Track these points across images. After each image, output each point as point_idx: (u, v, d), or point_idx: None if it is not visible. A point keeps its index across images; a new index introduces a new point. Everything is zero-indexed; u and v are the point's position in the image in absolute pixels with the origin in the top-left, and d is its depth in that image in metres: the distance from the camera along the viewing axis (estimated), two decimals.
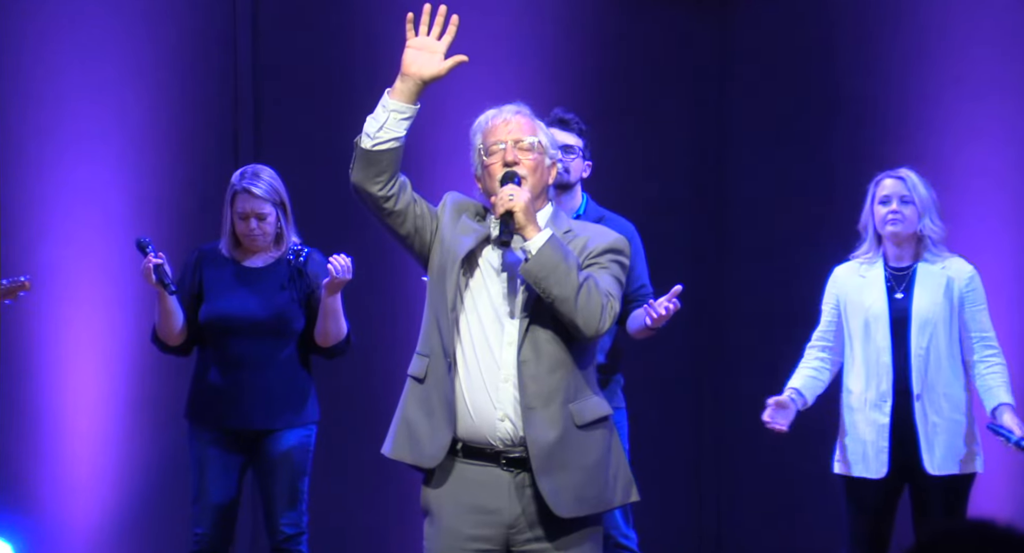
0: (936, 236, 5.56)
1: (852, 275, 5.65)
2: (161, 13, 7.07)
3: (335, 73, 7.17)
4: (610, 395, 5.77)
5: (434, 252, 4.31)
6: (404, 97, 4.21)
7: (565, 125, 5.72)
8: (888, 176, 5.61)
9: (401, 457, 4.34)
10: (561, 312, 4.17)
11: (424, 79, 4.21)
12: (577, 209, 5.75)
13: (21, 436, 6.91)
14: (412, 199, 4.28)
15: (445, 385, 4.24)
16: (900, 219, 5.56)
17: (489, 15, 7.22)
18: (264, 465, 5.78)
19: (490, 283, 4.27)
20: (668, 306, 5.40)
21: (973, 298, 5.53)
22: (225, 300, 5.77)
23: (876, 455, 5.50)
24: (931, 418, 5.47)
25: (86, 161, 6.96)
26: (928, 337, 5.50)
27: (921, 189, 5.57)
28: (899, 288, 5.57)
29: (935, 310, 5.51)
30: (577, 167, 5.75)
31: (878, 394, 5.51)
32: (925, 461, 5.46)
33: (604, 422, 4.33)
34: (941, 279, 5.54)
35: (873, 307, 5.55)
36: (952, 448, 5.48)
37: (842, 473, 5.61)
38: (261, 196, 5.74)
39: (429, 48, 4.22)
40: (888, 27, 7.11)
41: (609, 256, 4.31)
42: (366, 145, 4.20)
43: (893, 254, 5.61)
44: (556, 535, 4.26)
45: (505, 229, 4.16)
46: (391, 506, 6.96)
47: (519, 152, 4.29)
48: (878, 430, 5.50)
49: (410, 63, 4.22)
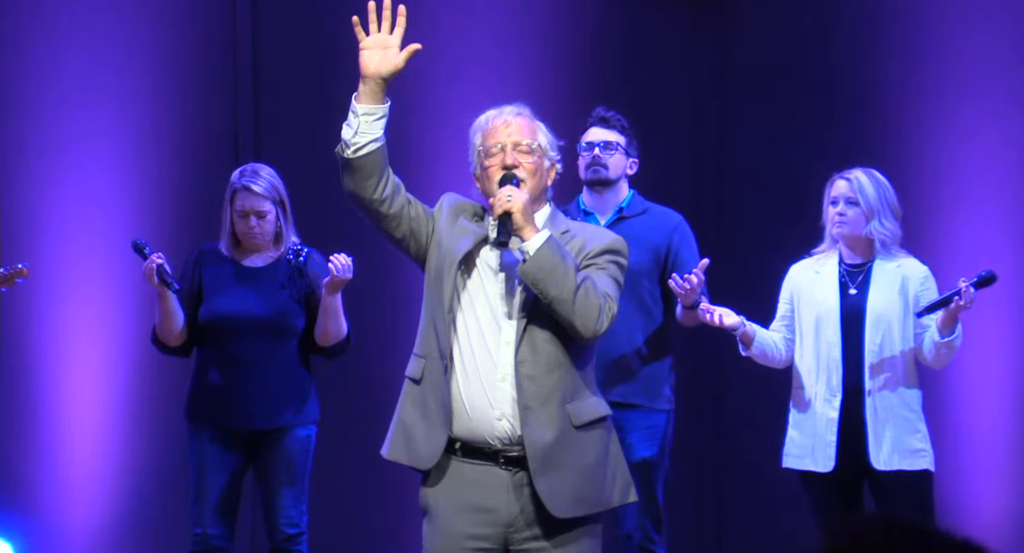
0: (887, 238, 5.57)
1: (807, 271, 5.68)
2: (161, 14, 7.07)
3: (335, 73, 7.16)
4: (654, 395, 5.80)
5: (431, 254, 4.30)
6: (371, 99, 4.19)
7: (606, 122, 5.88)
8: (839, 177, 5.63)
9: (397, 458, 4.35)
10: (559, 313, 4.16)
11: (384, 76, 4.20)
12: (621, 202, 5.83)
13: (21, 436, 6.91)
14: (407, 201, 4.27)
15: (442, 387, 4.23)
16: (844, 221, 5.58)
17: (489, 15, 7.22)
18: (264, 465, 5.78)
19: (488, 283, 4.27)
20: (692, 279, 5.51)
21: (928, 298, 5.53)
22: (225, 299, 5.77)
23: (824, 449, 5.52)
24: (880, 414, 5.48)
25: (86, 161, 6.97)
26: (882, 334, 5.51)
27: (870, 190, 5.55)
28: (853, 284, 5.59)
29: (890, 307, 5.53)
30: (619, 163, 5.87)
31: (828, 389, 5.53)
32: (872, 455, 5.47)
33: (602, 422, 4.33)
34: (896, 277, 5.56)
35: (825, 302, 5.58)
36: (900, 444, 5.48)
37: (790, 467, 5.64)
38: (260, 194, 5.74)
39: (382, 44, 4.21)
40: (888, 26, 7.11)
41: (607, 257, 4.31)
42: (347, 154, 4.19)
43: (846, 252, 5.64)
44: (555, 533, 4.26)
45: (503, 229, 4.17)
46: (391, 506, 6.96)
47: (519, 154, 4.28)
48: (827, 424, 5.51)
49: (367, 64, 4.20)
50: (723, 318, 5.53)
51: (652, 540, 5.85)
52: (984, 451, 6.19)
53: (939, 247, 6.61)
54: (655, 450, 5.81)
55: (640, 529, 5.81)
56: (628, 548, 5.87)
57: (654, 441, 5.81)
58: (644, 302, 5.82)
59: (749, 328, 5.59)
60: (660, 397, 5.84)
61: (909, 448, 5.50)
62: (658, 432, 5.82)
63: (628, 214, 5.84)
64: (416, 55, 4.19)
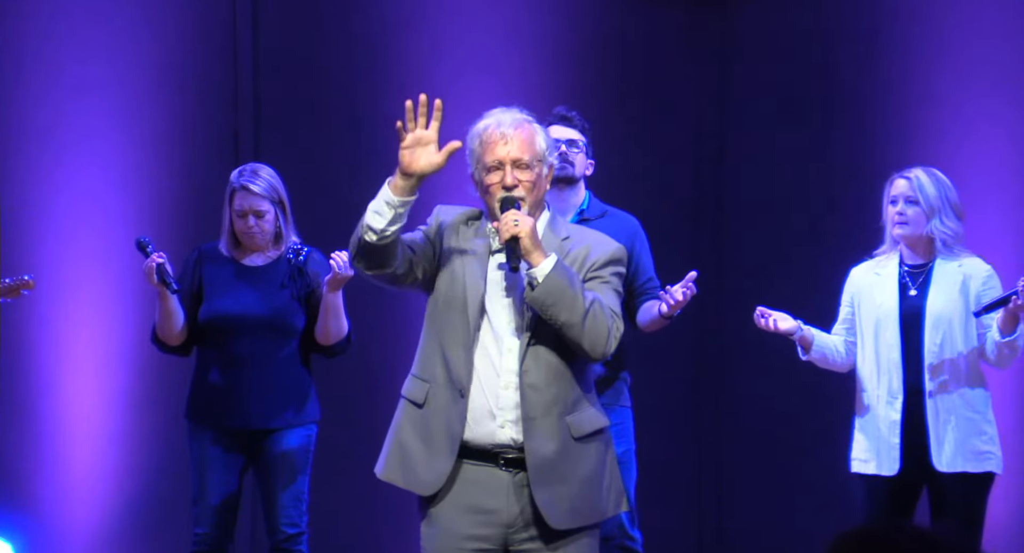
0: (948, 237, 5.51)
1: (867, 273, 5.64)
2: (161, 13, 7.07)
3: (335, 73, 7.17)
4: (616, 394, 5.77)
5: (440, 278, 4.30)
6: (407, 192, 4.14)
7: (568, 121, 5.84)
8: (899, 176, 5.57)
9: (393, 480, 4.34)
10: (568, 336, 4.18)
11: (426, 174, 4.15)
12: (580, 204, 5.80)
13: (21, 436, 6.91)
14: (411, 253, 4.24)
15: (450, 414, 4.23)
16: (905, 221, 5.53)
17: (489, 15, 7.22)
18: (264, 465, 5.77)
19: (492, 294, 4.27)
20: (684, 291, 5.44)
21: (991, 297, 5.45)
22: (225, 299, 5.76)
23: (888, 452, 5.47)
24: (943, 415, 5.43)
25: (86, 161, 6.96)
26: (942, 334, 5.46)
27: (930, 189, 5.51)
28: (914, 285, 5.54)
29: (950, 307, 5.47)
30: (582, 162, 5.82)
31: (889, 391, 5.49)
32: (934, 458, 5.42)
33: (600, 434, 4.34)
34: (957, 277, 5.50)
35: (884, 304, 5.53)
36: (963, 445, 5.43)
37: (858, 472, 5.57)
38: (259, 193, 5.74)
39: (422, 142, 4.14)
40: (888, 26, 7.10)
41: (611, 268, 4.32)
42: (371, 239, 4.14)
43: (907, 253, 5.59)
44: (554, 535, 4.27)
45: (513, 254, 4.17)
46: (391, 506, 6.95)
47: (518, 172, 4.25)
48: (889, 427, 5.47)
49: (409, 163, 4.12)
50: (778, 323, 5.49)
51: (631, 537, 5.84)
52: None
53: None
54: (627, 446, 5.79)
55: (618, 528, 5.80)
56: (608, 550, 5.84)
57: (623, 437, 5.78)
58: None
59: (807, 332, 5.54)
60: (622, 395, 5.83)
61: (973, 450, 5.44)
62: (626, 429, 5.80)
63: (588, 216, 5.80)
64: (416, 56, 4.19)
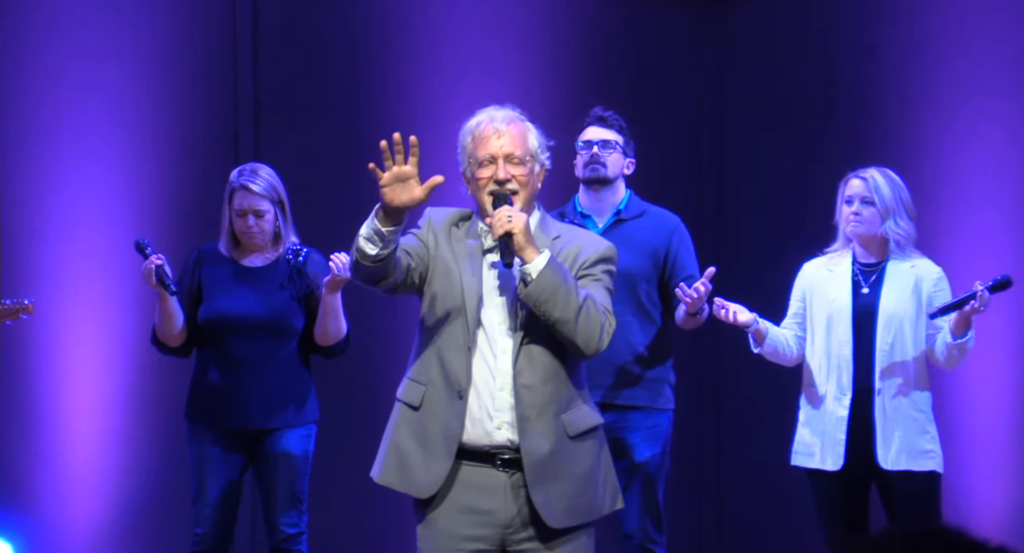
0: (901, 238, 5.56)
1: (820, 269, 5.68)
2: (161, 14, 7.07)
3: (335, 73, 7.17)
4: (654, 395, 5.80)
5: (434, 281, 4.31)
6: (393, 222, 4.11)
7: (604, 122, 5.89)
8: (854, 176, 5.62)
9: (390, 484, 4.35)
10: (561, 333, 4.19)
11: (409, 207, 4.12)
12: (618, 204, 5.83)
13: (21, 436, 6.91)
14: (408, 259, 4.25)
15: (447, 416, 4.24)
16: (860, 221, 5.57)
17: (488, 14, 7.22)
18: (264, 465, 5.77)
19: (487, 294, 4.28)
20: (700, 287, 5.49)
21: (942, 299, 5.52)
22: (224, 299, 5.76)
23: (833, 447, 5.51)
24: (890, 414, 5.48)
25: (86, 161, 6.97)
26: (893, 333, 5.50)
27: (885, 190, 5.55)
28: (867, 284, 5.58)
29: (902, 307, 5.52)
30: (617, 162, 5.86)
31: (838, 387, 5.53)
32: (880, 455, 5.46)
33: (594, 432, 4.35)
34: (910, 278, 5.55)
35: (837, 301, 5.57)
36: (908, 444, 5.47)
37: (799, 465, 5.63)
38: (259, 193, 5.74)
39: (401, 178, 4.10)
40: (888, 26, 7.10)
41: (602, 266, 4.33)
42: (368, 263, 4.14)
43: (860, 252, 5.63)
44: (551, 535, 4.28)
45: (506, 251, 4.17)
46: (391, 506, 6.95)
47: (511, 167, 4.27)
48: (836, 422, 5.51)
49: (391, 199, 4.08)
50: (736, 315, 5.53)
51: (653, 540, 5.86)
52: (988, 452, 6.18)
53: (939, 247, 6.60)
54: (657, 449, 5.81)
55: (640, 529, 5.82)
56: (628, 548, 5.87)
57: (656, 441, 5.81)
58: (643, 305, 5.81)
59: (762, 325, 5.59)
60: (661, 397, 5.85)
61: (917, 449, 5.49)
62: (660, 432, 5.83)
63: (626, 216, 5.83)
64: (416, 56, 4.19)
